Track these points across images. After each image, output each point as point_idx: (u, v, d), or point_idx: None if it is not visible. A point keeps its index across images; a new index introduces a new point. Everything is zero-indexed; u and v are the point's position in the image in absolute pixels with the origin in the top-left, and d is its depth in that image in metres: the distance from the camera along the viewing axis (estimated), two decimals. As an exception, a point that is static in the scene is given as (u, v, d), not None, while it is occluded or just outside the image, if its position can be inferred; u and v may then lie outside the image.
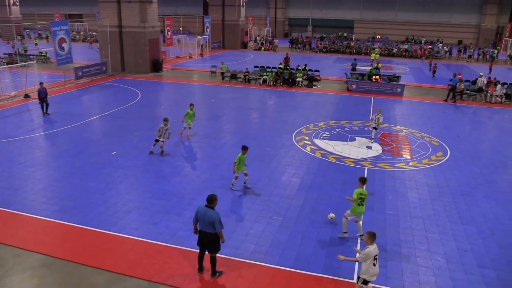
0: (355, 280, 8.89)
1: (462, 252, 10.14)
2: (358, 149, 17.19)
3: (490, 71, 39.17)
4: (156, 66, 34.24)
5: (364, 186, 10.50)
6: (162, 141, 15.74)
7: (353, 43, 57.04)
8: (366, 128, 20.12)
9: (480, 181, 14.47)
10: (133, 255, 9.53)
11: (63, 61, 28.50)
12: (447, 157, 16.65)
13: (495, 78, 29.89)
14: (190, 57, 44.22)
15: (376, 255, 7.68)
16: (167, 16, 41.44)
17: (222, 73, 32.32)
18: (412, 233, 10.93)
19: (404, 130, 20.17)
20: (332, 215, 11.26)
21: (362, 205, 10.28)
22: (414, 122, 21.71)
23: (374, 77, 29.41)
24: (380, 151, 17.05)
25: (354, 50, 53.01)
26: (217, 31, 52.86)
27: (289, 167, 15.01)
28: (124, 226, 10.72)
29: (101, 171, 14.13)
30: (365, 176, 10.58)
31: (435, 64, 37.82)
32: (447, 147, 17.81)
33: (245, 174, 13.12)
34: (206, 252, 8.75)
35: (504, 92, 27.35)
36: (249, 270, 9.12)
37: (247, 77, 31.22)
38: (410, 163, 15.90)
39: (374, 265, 7.67)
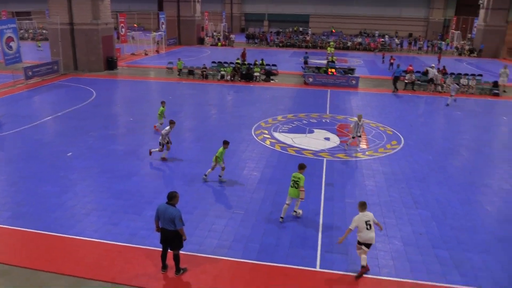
0: (318, 268, 9.12)
1: (417, 235, 10.60)
2: (316, 141, 17.52)
3: (439, 62, 40.88)
4: (111, 64, 33.38)
5: (303, 172, 10.93)
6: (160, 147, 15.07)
7: (309, 37, 57.85)
8: (323, 120, 20.52)
9: (433, 168, 15.13)
10: (94, 257, 9.31)
11: (11, 60, 27.19)
12: (401, 146, 17.28)
13: (444, 67, 31.19)
14: (146, 54, 43.40)
15: (368, 221, 8.80)
16: (121, 12, 40.43)
17: (179, 70, 31.96)
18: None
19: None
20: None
21: (293, 187, 10.85)
22: (369, 113, 22.35)
23: (330, 70, 30.02)
24: (338, 142, 17.46)
25: (310, 44, 53.80)
26: (172, 27, 52.12)
27: (250, 161, 15.11)
28: (83, 228, 10.44)
29: (56, 174, 13.66)
30: (303, 163, 11.13)
31: (391, 56, 38.98)
32: (401, 136, 18.48)
33: (222, 168, 13.23)
34: (169, 250, 8.69)
35: (452, 82, 28.64)
36: (213, 265, 9.14)
37: (204, 73, 31.03)
38: (367, 153, 16.39)
39: (367, 229, 8.80)
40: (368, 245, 8.93)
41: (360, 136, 16.47)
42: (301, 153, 16.10)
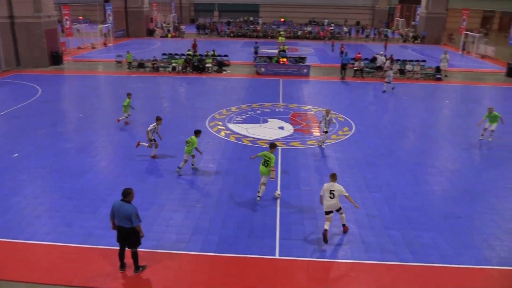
0: (277, 256, 9.32)
1: (371, 218, 11.04)
2: (271, 130, 17.72)
3: (385, 49, 42.22)
4: (56, 59, 31.95)
5: (273, 152, 11.68)
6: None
7: (260, 27, 57.94)
8: (277, 110, 20.76)
9: (383, 152, 15.74)
10: (48, 261, 9.02)
11: None
12: (352, 132, 17.82)
13: (391, 55, 32.27)
14: (93, 48, 41.86)
15: (333, 191, 9.70)
16: (64, 4, 38.66)
17: (129, 63, 31.13)
18: (325, 205, 11.63)
19: (312, 109, 21.15)
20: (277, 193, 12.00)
21: (263, 165, 11.52)
22: (321, 100, 22.84)
23: (281, 59, 30.29)
24: (292, 131, 17.75)
25: (261, 34, 53.90)
26: (120, 19, 50.44)
27: (205, 153, 15.05)
28: (35, 232, 10.06)
29: (2, 176, 13.03)
30: (274, 143, 11.72)
31: (342, 45, 39.78)
32: (352, 122, 19.03)
33: (193, 156, 13.46)
34: (127, 248, 8.57)
35: (398, 68, 29.77)
36: (173, 260, 9.11)
37: (155, 65, 30.40)
38: (320, 140, 16.76)
39: (330, 198, 9.71)
40: (328, 212, 9.80)
41: (326, 132, 15.74)
42: (256, 143, 16.24)
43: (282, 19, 69.97)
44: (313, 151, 15.60)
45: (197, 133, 13.34)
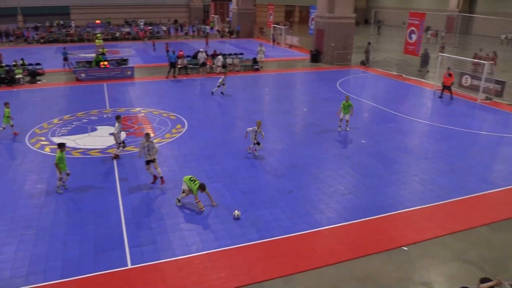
0: (130, 266, 9.04)
1: (214, 208, 11.48)
2: (102, 138, 16.84)
3: (207, 44, 43.79)
4: None
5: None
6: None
7: (73, 30, 53.84)
8: (105, 116, 19.79)
9: (217, 143, 16.45)
10: None
11: None
12: (185, 128, 18.13)
13: (214, 51, 33.54)
14: None
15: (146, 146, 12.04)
16: None
17: None
18: (170, 204, 11.68)
19: (142, 111, 20.77)
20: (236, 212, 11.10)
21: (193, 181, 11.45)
22: (150, 101, 22.58)
23: (102, 63, 28.80)
24: (124, 135, 17.16)
25: (76, 38, 50.21)
26: None
27: (30, 173, 13.53)
28: None
29: None
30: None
31: (167, 43, 39.60)
32: (183, 119, 19.34)
33: (67, 174, 12.46)
34: None
35: (222, 61, 31.23)
36: (10, 298, 8.07)
37: None
38: (155, 140, 16.63)
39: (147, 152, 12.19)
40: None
41: (258, 144, 14.95)
42: (88, 153, 15.27)
43: (98, 21, 66.27)
44: (150, 153, 15.39)
45: (61, 146, 12.38)
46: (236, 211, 11.06)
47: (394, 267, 9.17)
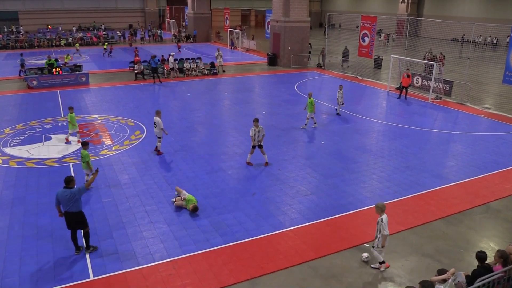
0: (92, 277, 8.77)
1: (179, 214, 11.36)
2: (57, 147, 16.27)
3: (179, 50, 43.26)
4: None
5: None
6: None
7: (23, 36, 51.66)
8: (60, 124, 19.12)
9: (176, 148, 16.27)
10: None
11: None
12: (144, 134, 17.82)
13: (169, 55, 33.14)
14: None
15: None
16: None
17: None
18: (132, 212, 11.44)
19: (99, 118, 20.23)
20: None
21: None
22: (107, 108, 22.03)
23: (55, 69, 27.82)
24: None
25: (26, 44, 48.23)
26: None
27: (-20, 187, 12.88)
28: None
29: None
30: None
31: (136, 48, 38.63)
32: (142, 125, 19.00)
33: (94, 172, 11.72)
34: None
35: (177, 65, 30.93)
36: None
37: None
38: (113, 148, 16.26)
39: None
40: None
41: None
42: (43, 163, 14.70)
43: (50, 26, 63.93)
44: (109, 160, 15.02)
45: (84, 145, 12.43)
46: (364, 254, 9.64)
47: (357, 263, 9.40)
